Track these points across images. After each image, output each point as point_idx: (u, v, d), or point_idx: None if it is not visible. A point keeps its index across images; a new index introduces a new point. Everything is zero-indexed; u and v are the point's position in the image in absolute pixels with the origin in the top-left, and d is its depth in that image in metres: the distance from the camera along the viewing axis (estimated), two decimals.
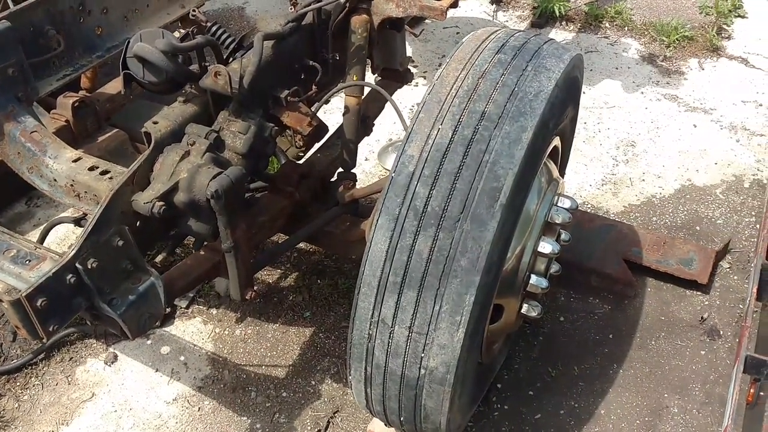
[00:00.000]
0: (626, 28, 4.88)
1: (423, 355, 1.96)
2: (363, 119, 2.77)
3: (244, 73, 2.21)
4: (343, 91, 2.59)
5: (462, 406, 2.22)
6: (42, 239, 2.73)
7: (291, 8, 2.56)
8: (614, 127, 4.09)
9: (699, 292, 3.13)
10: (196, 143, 2.18)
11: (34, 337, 1.90)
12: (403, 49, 2.95)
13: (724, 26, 4.84)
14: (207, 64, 2.30)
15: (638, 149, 3.93)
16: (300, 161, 2.83)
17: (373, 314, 1.97)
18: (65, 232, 3.47)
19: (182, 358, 3.01)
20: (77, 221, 2.73)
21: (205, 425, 2.77)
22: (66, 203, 2.28)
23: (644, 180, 3.73)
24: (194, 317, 3.18)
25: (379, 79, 3.05)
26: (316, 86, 2.52)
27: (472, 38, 2.21)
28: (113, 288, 2.01)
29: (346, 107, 2.60)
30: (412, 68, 3.67)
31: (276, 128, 2.35)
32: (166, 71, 2.19)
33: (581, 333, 3.01)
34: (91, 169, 2.21)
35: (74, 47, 2.62)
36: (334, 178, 2.77)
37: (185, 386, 2.91)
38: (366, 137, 2.96)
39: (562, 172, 2.85)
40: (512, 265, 2.24)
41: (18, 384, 2.94)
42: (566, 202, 2.38)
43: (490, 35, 2.20)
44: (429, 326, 1.92)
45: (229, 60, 2.45)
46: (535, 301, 2.40)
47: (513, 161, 1.89)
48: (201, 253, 2.45)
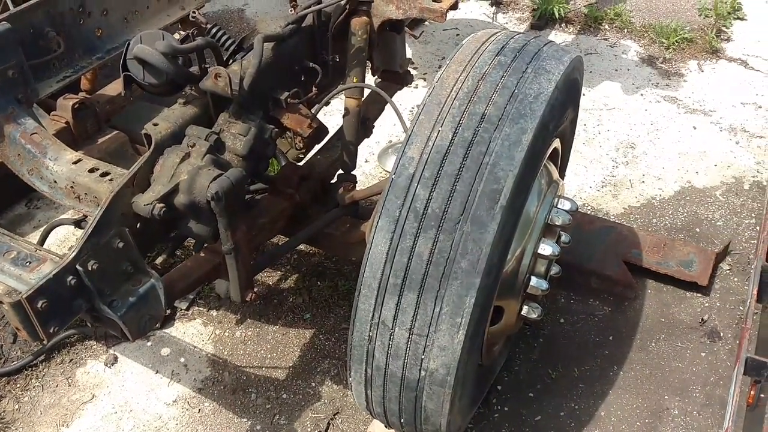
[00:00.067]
0: (626, 30, 4.88)
1: (423, 357, 1.96)
2: (363, 121, 2.77)
3: (245, 75, 2.21)
4: (343, 93, 2.59)
5: (462, 408, 2.22)
6: (42, 241, 2.73)
7: (291, 10, 2.57)
8: (614, 129, 4.09)
9: (699, 294, 3.13)
10: (197, 145, 2.18)
11: (35, 339, 1.91)
12: (403, 51, 2.95)
13: (724, 28, 4.84)
14: (207, 66, 2.30)
15: (638, 151, 3.93)
16: (300, 163, 2.83)
17: (374, 316, 1.97)
18: (65, 234, 3.47)
19: (182, 360, 3.01)
20: (77, 223, 2.73)
21: (206, 427, 2.77)
22: (66, 205, 2.28)
23: (644, 182, 3.73)
24: (194, 319, 3.18)
25: (379, 81, 3.05)
26: (316, 88, 2.52)
27: (472, 40, 2.21)
28: (113, 290, 2.01)
29: (346, 109, 2.60)
30: (412, 70, 3.67)
31: (276, 130, 2.35)
32: (166, 73, 2.19)
33: (581, 335, 3.01)
34: (92, 171, 2.21)
35: (74, 49, 2.62)
36: (334, 180, 2.77)
37: (185, 388, 2.91)
38: (366, 139, 2.96)
39: (562, 174, 2.85)
40: (512, 267, 2.24)
41: (18, 385, 2.94)
42: (566, 204, 2.38)
43: (490, 37, 2.20)
44: (429, 328, 1.92)
45: (229, 62, 2.45)
46: (535, 303, 2.40)
47: (513, 163, 1.89)
48: (201, 255, 2.45)
